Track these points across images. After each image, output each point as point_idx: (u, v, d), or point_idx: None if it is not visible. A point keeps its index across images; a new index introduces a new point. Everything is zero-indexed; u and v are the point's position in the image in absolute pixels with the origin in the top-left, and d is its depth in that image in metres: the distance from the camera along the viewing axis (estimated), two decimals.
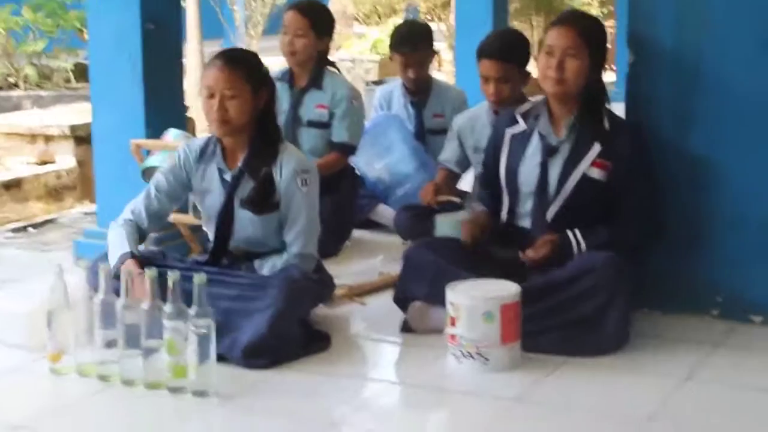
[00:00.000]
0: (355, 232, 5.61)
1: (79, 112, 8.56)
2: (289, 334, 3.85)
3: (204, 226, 4.35)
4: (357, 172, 5.85)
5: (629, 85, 4.36)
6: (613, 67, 15.71)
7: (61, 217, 6.77)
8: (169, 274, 3.49)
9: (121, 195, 5.24)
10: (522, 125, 4.24)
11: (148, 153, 5.12)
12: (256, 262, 4.15)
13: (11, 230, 6.31)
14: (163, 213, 4.26)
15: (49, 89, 10.52)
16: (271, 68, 4.50)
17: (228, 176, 4.14)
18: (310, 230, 4.15)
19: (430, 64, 6.14)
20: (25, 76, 10.59)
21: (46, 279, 3.78)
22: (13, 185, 7.49)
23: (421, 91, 6.08)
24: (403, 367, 3.90)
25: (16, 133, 8.35)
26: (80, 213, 6.88)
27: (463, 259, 4.09)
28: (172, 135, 5.08)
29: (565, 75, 4.04)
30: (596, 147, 4.08)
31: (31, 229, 6.31)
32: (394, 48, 6.00)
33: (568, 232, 4.04)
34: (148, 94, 5.15)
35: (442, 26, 15.40)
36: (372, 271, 4.88)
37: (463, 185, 5.60)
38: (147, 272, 3.55)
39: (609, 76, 14.84)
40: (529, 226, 4.19)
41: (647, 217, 4.11)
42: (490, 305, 3.67)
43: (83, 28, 10.42)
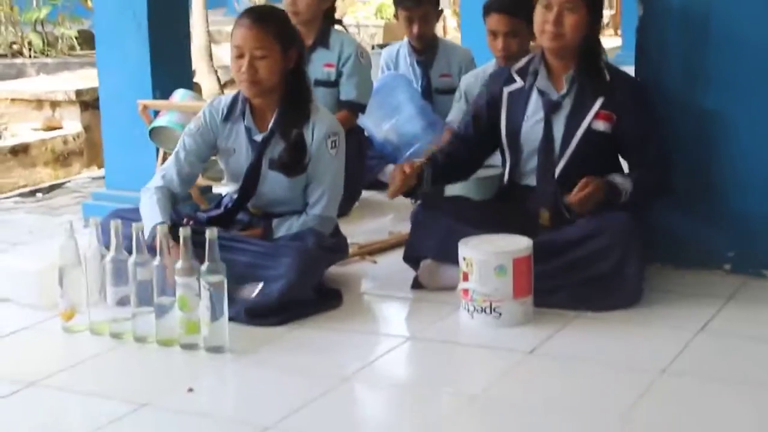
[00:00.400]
0: (365, 193, 5.60)
1: (85, 78, 8.54)
2: (301, 299, 3.84)
3: (225, 184, 4.32)
4: (365, 133, 5.83)
5: (638, 39, 4.33)
6: (619, 32, 15.67)
7: (68, 182, 6.77)
8: (180, 230, 3.47)
9: (129, 156, 5.27)
10: (519, 82, 4.20)
11: (156, 114, 5.11)
12: (275, 221, 4.11)
13: (19, 195, 6.32)
14: (194, 175, 4.21)
15: (54, 56, 10.47)
16: None
17: (258, 137, 4.09)
18: (333, 193, 4.14)
19: (436, 23, 6.11)
20: (30, 44, 10.54)
21: (56, 240, 3.78)
22: (20, 151, 7.48)
23: (427, 49, 6.05)
24: (415, 323, 3.89)
25: (22, 99, 8.32)
26: (88, 178, 6.89)
27: (473, 217, 4.07)
28: (179, 95, 5.06)
29: (564, 29, 4.00)
30: (599, 99, 4.05)
31: (39, 194, 6.32)
32: (399, 3, 5.97)
33: (609, 177, 3.98)
34: (154, 55, 5.13)
35: None
36: (382, 230, 4.89)
37: None
38: (181, 230, 3.50)
39: (615, 40, 14.83)
40: (535, 184, 4.16)
41: (666, 164, 4.09)
42: (502, 259, 3.66)
43: None
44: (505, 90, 4.22)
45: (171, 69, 5.22)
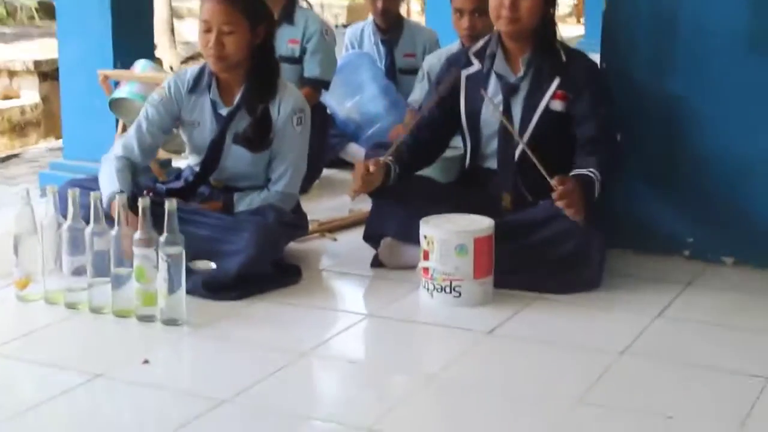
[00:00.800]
0: (326, 171, 5.59)
1: (44, 48, 8.46)
2: (259, 273, 3.81)
3: (186, 157, 4.27)
4: (328, 111, 5.80)
5: (604, 25, 4.32)
6: (582, 20, 15.73)
7: (25, 152, 6.70)
8: (140, 200, 3.43)
9: (88, 127, 5.22)
10: (477, 65, 4.18)
11: (117, 84, 5.05)
12: (236, 196, 4.09)
13: None
14: (156, 146, 4.17)
15: (13, 26, 10.36)
16: None
17: (223, 111, 4.07)
18: (296, 170, 4.12)
19: (401, 2, 6.08)
20: None
21: (12, 209, 3.72)
22: None
23: (391, 29, 6.03)
24: (374, 300, 3.87)
25: None
26: (45, 149, 6.81)
27: (434, 198, 4.05)
28: (140, 66, 5.01)
29: (519, 14, 3.99)
30: (555, 80, 4.05)
31: None
32: None
33: (577, 171, 3.86)
34: (115, 25, 5.09)
35: None
36: (342, 208, 4.86)
37: None
38: (141, 201, 3.44)
39: (578, 29, 14.89)
40: (496, 167, 4.15)
41: (609, 139, 4.04)
42: (463, 238, 3.64)
43: None
44: (464, 73, 4.21)
45: (132, 40, 5.19)
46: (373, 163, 4.00)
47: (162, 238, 3.40)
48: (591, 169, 3.86)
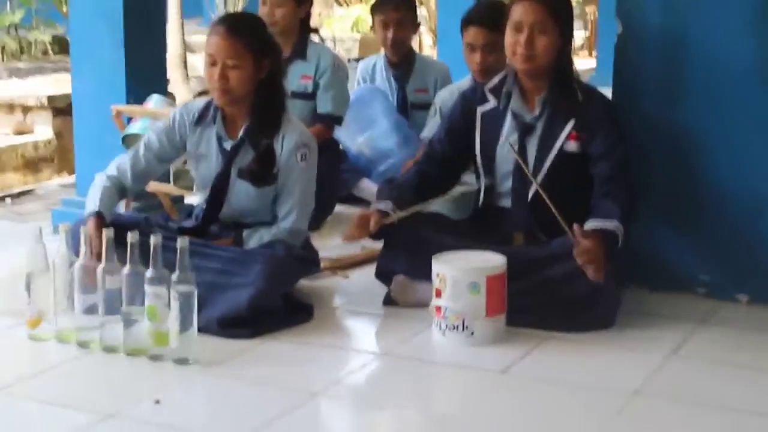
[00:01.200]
0: (338, 207, 5.56)
1: (57, 83, 8.48)
2: (270, 309, 3.80)
3: (194, 192, 4.28)
4: (340, 146, 5.79)
5: (616, 58, 4.32)
6: (593, 53, 15.72)
7: (38, 188, 6.70)
8: (152, 238, 3.42)
9: (101, 163, 5.16)
10: (492, 102, 4.17)
11: (129, 120, 5.05)
12: (245, 232, 4.08)
13: None
14: (149, 173, 4.19)
15: (27, 61, 10.40)
16: None
17: (228, 145, 4.07)
18: (303, 206, 4.10)
19: (412, 33, 6.08)
20: (2, 48, 10.46)
21: (24, 246, 3.71)
22: None
23: (403, 63, 6.02)
24: (387, 339, 3.85)
25: None
26: (58, 185, 6.81)
27: (447, 235, 4.03)
28: (154, 101, 5.02)
29: (535, 51, 3.98)
30: (571, 121, 4.03)
31: (8, 200, 6.23)
32: (375, 9, 5.96)
33: (599, 222, 3.78)
34: (129, 60, 5.09)
35: (422, 10, 15.33)
36: (354, 246, 4.82)
37: None
38: (105, 232, 3.47)
39: (589, 62, 14.88)
40: (509, 206, 4.14)
41: (630, 177, 4.00)
42: (475, 276, 3.62)
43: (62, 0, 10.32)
44: (479, 110, 4.20)
45: (145, 75, 5.18)
46: (375, 218, 4.00)
47: (174, 276, 3.39)
48: (614, 221, 3.80)
